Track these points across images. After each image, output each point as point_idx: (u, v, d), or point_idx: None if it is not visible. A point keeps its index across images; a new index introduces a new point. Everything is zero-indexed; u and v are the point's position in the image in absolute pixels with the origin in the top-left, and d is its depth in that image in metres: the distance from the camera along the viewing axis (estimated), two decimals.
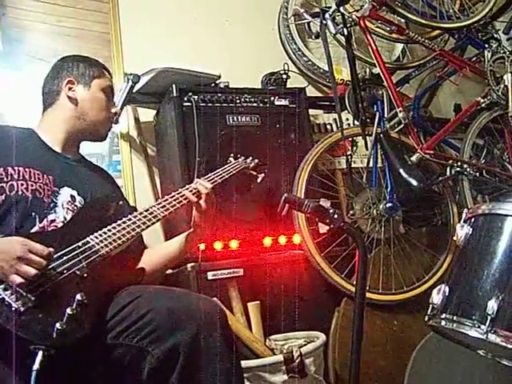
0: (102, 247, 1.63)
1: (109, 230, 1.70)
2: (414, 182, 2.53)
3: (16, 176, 1.77)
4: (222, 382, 1.54)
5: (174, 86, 2.57)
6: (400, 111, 2.72)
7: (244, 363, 2.01)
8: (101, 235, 1.67)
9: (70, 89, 2.00)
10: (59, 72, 2.04)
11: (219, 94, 2.65)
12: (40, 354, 1.34)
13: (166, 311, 1.57)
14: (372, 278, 2.66)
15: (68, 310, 1.40)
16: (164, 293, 1.73)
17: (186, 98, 2.59)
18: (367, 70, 2.93)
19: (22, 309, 1.39)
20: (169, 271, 2.63)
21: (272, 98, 2.75)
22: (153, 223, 1.80)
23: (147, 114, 2.96)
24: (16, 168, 1.78)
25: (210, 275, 2.38)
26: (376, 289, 2.66)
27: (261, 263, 2.49)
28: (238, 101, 2.67)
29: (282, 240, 2.57)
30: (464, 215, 1.91)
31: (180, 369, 1.52)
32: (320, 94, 3.36)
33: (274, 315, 2.43)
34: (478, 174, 2.80)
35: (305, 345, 2.31)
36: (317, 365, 2.29)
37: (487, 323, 1.62)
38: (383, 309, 2.69)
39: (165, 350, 1.53)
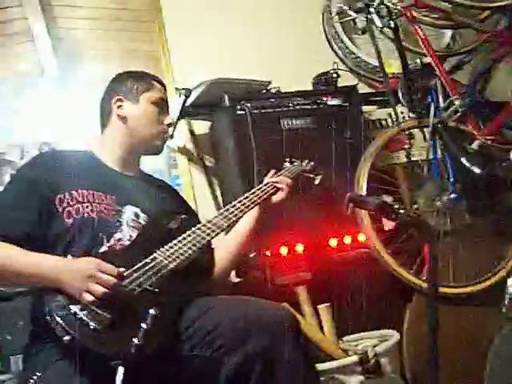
0: (170, 262, 1.64)
1: (175, 245, 1.71)
2: (478, 170, 2.48)
3: (81, 199, 1.79)
4: None
5: (225, 96, 2.59)
6: (455, 99, 2.67)
7: (319, 366, 2.00)
8: (167, 250, 1.68)
9: (119, 107, 2.00)
10: (109, 92, 2.05)
11: (271, 100, 2.66)
12: (120, 369, 1.37)
13: (237, 322, 1.58)
14: (442, 272, 2.61)
15: (143, 325, 1.42)
16: (234, 303, 1.73)
17: (238, 107, 2.60)
18: (417, 60, 2.89)
19: (99, 327, 1.42)
20: (236, 279, 2.65)
21: (324, 99, 2.74)
22: (217, 234, 1.80)
23: (202, 126, 2.99)
24: (80, 191, 1.80)
25: (278, 281, 2.39)
26: (446, 282, 2.61)
27: (328, 265, 2.48)
28: (290, 104, 2.68)
29: (347, 240, 2.55)
30: None
31: (257, 378, 1.53)
32: (372, 90, 3.32)
33: (345, 316, 2.42)
34: None
35: (379, 344, 2.29)
36: (392, 363, 2.27)
37: None
38: (456, 302, 2.64)
39: (240, 360, 1.53)
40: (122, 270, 1.55)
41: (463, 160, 2.51)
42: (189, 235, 1.76)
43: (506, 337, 2.51)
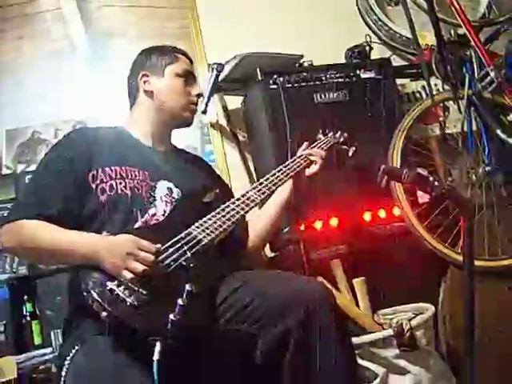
0: (204, 236, 1.65)
1: (209, 219, 1.71)
2: None
3: (114, 175, 1.81)
4: (335, 363, 1.54)
5: (258, 70, 2.59)
6: (491, 70, 2.63)
7: (354, 340, 2.00)
8: (202, 225, 1.69)
9: (145, 82, 2.00)
10: (134, 68, 2.06)
11: (304, 74, 2.65)
12: (158, 345, 1.37)
13: (273, 296, 1.58)
14: (478, 245, 2.58)
15: (179, 301, 1.41)
16: (269, 277, 1.74)
17: (271, 81, 2.59)
18: (452, 31, 2.84)
19: (136, 303, 1.44)
20: (271, 254, 2.67)
21: (357, 72, 2.72)
22: (251, 208, 1.80)
23: (235, 102, 2.99)
24: (113, 168, 1.82)
25: (312, 255, 2.39)
26: (483, 255, 2.58)
27: (362, 239, 2.48)
28: (323, 78, 2.66)
29: (382, 213, 2.54)
30: None
31: (292, 352, 1.53)
32: (405, 63, 3.27)
33: (380, 290, 2.42)
34: None
35: (414, 317, 2.29)
36: (428, 337, 2.26)
37: None
38: (491, 275, 2.60)
39: (275, 334, 1.54)
40: (158, 246, 1.56)
41: (498, 132, 2.47)
42: (223, 209, 1.76)
43: None
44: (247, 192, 1.85)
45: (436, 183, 1.66)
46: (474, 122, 2.70)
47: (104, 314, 1.43)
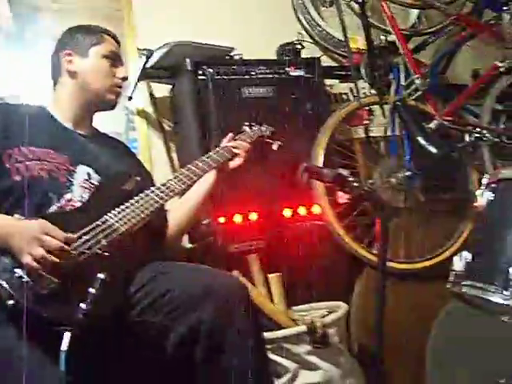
0: (121, 225, 1.62)
1: (127, 207, 1.69)
2: (434, 150, 2.50)
3: (31, 156, 1.75)
4: (246, 357, 1.55)
5: (188, 59, 2.56)
6: (417, 78, 2.70)
7: (267, 335, 2.02)
8: (119, 212, 1.66)
9: (68, 62, 1.95)
10: (58, 47, 2.00)
11: (234, 67, 2.64)
12: (67, 334, 1.34)
13: (187, 289, 1.59)
14: (393, 247, 2.66)
15: (91, 290, 1.39)
16: (186, 269, 1.74)
17: (200, 72, 2.57)
18: (382, 37, 2.89)
19: (45, 291, 1.41)
20: (189, 245, 2.64)
21: (287, 69, 2.73)
22: (170, 197, 1.79)
23: (162, 90, 2.94)
24: (31, 148, 1.77)
25: (230, 248, 2.39)
26: (398, 258, 2.66)
27: (281, 235, 2.49)
28: (253, 72, 2.66)
29: (302, 211, 2.57)
30: (484, 181, 1.89)
31: (203, 345, 1.54)
32: (335, 64, 3.31)
33: (296, 286, 2.44)
34: (497, 139, 2.76)
35: (327, 315, 2.33)
36: (340, 335, 2.30)
37: (511, 289, 1.62)
38: (405, 277, 2.69)
39: (188, 326, 1.55)
40: (69, 235, 1.51)
41: (420, 139, 2.53)
42: (142, 198, 1.74)
43: (448, 312, 2.57)
44: (168, 181, 1.83)
45: (355, 184, 1.69)
46: (398, 128, 2.76)
47: (10, 302, 1.39)
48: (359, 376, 2.37)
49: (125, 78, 2.03)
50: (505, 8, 3.04)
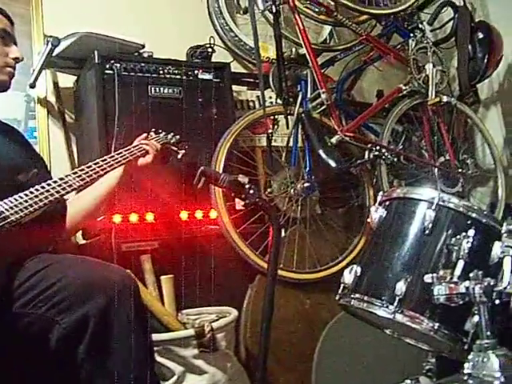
0: (11, 214, 1.57)
1: (20, 197, 1.63)
2: (333, 164, 2.57)
3: None
4: (132, 355, 1.53)
5: (95, 52, 2.50)
6: (323, 92, 2.75)
7: (155, 336, 1.99)
8: (11, 201, 1.60)
9: None
10: None
11: (142, 64, 2.60)
12: None
13: (76, 281, 1.55)
14: (287, 257, 2.69)
15: None
16: (75, 262, 1.70)
17: (107, 66, 2.52)
18: (293, 49, 2.93)
19: None
20: (82, 241, 2.59)
21: (196, 72, 2.72)
22: (67, 192, 1.75)
23: (67, 80, 2.86)
24: None
25: (124, 247, 2.35)
26: (291, 267, 2.70)
27: (176, 237, 2.47)
28: (161, 72, 2.63)
29: (199, 215, 2.56)
30: (379, 198, 1.96)
31: (89, 339, 1.50)
32: (245, 71, 3.34)
33: (188, 289, 2.43)
34: (395, 159, 2.86)
35: (217, 320, 2.33)
36: (228, 340, 2.31)
37: (395, 304, 1.68)
38: (297, 287, 2.73)
39: (73, 320, 1.51)
40: None
41: (320, 152, 2.59)
42: (37, 189, 1.68)
43: (337, 323, 2.64)
44: (66, 176, 1.79)
45: (251, 191, 1.70)
46: (300, 139, 2.81)
47: None
48: (245, 382, 2.39)
49: (17, 59, 1.95)
50: (411, 35, 3.18)
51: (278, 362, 2.58)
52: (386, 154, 2.82)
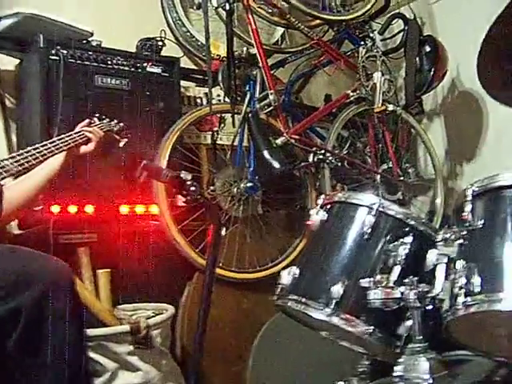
0: None
1: None
2: (276, 165, 2.57)
3: None
4: (64, 348, 1.51)
5: (41, 35, 2.43)
6: (271, 93, 2.76)
7: (89, 331, 1.96)
8: None
9: None
10: None
11: (90, 52, 2.55)
12: None
13: (10, 271, 1.52)
14: (227, 256, 2.69)
15: None
16: (9, 252, 1.66)
17: (53, 51, 2.44)
18: (245, 49, 2.93)
19: None
20: (18, 231, 2.52)
21: (145, 64, 2.68)
22: (3, 178, 1.71)
23: (8, 62, 2.75)
24: None
25: (61, 239, 2.30)
26: (230, 266, 2.69)
27: (116, 231, 2.43)
28: (109, 62, 2.58)
29: (140, 209, 2.53)
30: (320, 201, 1.97)
31: (21, 330, 1.47)
32: (194, 67, 3.31)
33: (125, 285, 2.40)
34: (339, 163, 2.89)
35: (153, 316, 2.31)
36: (163, 337, 2.29)
37: (331, 306, 1.70)
38: (236, 287, 2.74)
39: (6, 310, 1.48)
40: None
41: (265, 153, 2.59)
42: None
43: (273, 323, 2.65)
44: (2, 160, 1.74)
45: (193, 188, 1.69)
46: (246, 139, 2.81)
47: None
48: (179, 379, 2.37)
49: None
50: (361, 43, 3.22)
51: (213, 360, 2.57)
52: (330, 158, 2.85)
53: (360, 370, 1.97)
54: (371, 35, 3.27)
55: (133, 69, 2.64)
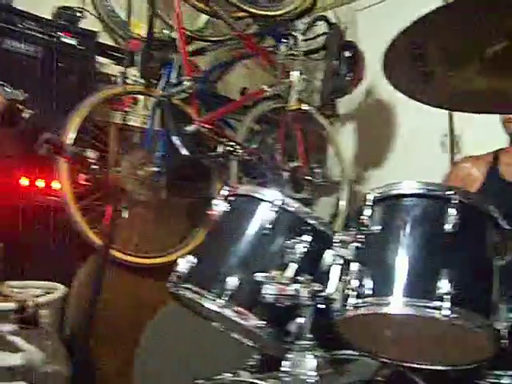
0: None
1: None
2: (185, 152, 2.56)
3: None
4: None
5: None
6: (187, 80, 2.73)
7: None
8: None
9: None
10: None
11: (3, 13, 2.44)
12: None
13: None
14: (126, 239, 2.64)
15: None
16: None
17: None
18: (166, 32, 2.88)
19: None
20: None
21: (60, 34, 2.59)
22: None
23: None
24: None
25: None
26: (128, 250, 2.65)
27: (13, 203, 2.34)
28: (20, 25, 2.47)
29: (40, 183, 2.44)
30: (224, 192, 1.96)
31: None
32: (113, 44, 3.22)
33: (17, 260, 2.31)
34: (248, 157, 2.90)
35: (42, 295, 2.23)
36: (52, 318, 2.22)
37: (225, 298, 1.68)
38: (133, 271, 2.69)
39: None
40: None
41: (175, 139, 2.57)
42: None
43: (166, 310, 2.63)
44: None
45: (95, 166, 1.65)
46: (157, 123, 2.77)
47: None
48: (64, 362, 2.30)
49: None
50: (283, 40, 3.24)
51: (103, 344, 2.52)
52: (239, 150, 2.85)
53: (250, 364, 1.98)
54: (294, 34, 3.30)
55: (46, 37, 2.55)
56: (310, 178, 3.24)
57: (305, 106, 3.19)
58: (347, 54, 3.37)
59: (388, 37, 1.40)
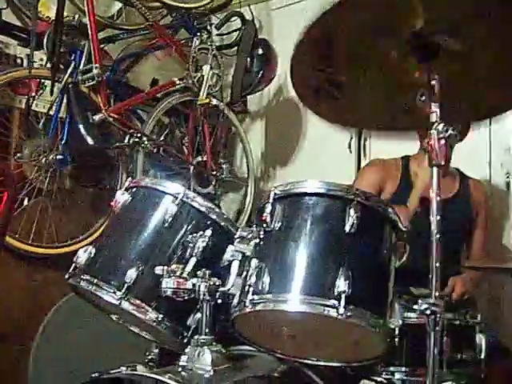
0: None
1: None
2: (90, 141, 2.51)
3: None
4: None
5: None
6: (96, 67, 2.68)
7: None
8: None
9: None
10: None
11: None
12: None
13: None
14: (25, 228, 2.58)
15: None
16: None
17: None
18: (77, 16, 2.80)
19: None
20: None
21: None
22: None
23: None
24: None
25: None
26: (26, 238, 2.58)
27: None
28: None
29: None
30: (127, 183, 1.94)
31: None
32: (19, 24, 3.09)
33: None
34: (154, 149, 2.88)
35: None
36: None
37: (123, 290, 1.66)
38: (30, 261, 2.63)
39: None
40: None
41: (80, 127, 2.52)
42: None
43: (65, 303, 2.57)
44: None
45: None
46: (63, 109, 2.70)
47: None
48: None
49: None
50: (197, 34, 3.23)
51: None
52: (146, 142, 2.83)
53: (148, 358, 1.97)
54: (208, 28, 3.31)
55: None
56: (216, 173, 3.26)
57: (214, 101, 3.20)
58: (260, 51, 3.40)
59: None
